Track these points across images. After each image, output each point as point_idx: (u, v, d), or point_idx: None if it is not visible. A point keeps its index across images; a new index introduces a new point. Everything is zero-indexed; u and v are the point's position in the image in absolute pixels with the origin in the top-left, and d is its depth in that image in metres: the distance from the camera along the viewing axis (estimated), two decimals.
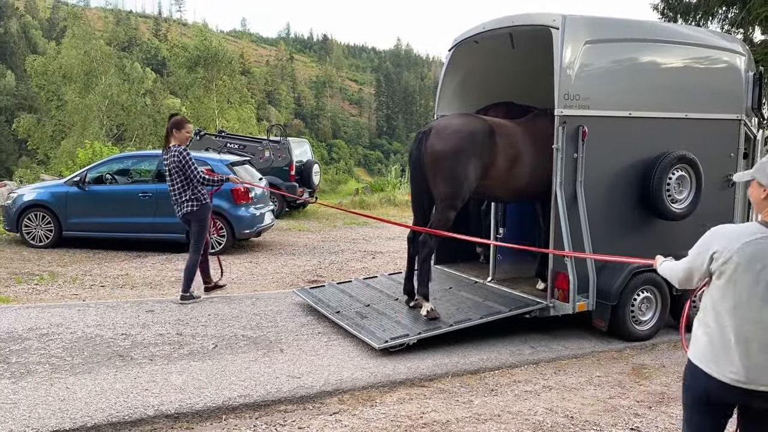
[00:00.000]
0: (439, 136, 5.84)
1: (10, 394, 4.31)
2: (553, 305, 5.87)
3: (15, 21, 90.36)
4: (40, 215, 10.18)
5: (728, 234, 2.55)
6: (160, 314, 6.38)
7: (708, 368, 2.55)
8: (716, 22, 17.25)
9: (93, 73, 31.95)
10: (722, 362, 2.51)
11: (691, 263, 2.67)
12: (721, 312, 2.54)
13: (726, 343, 2.51)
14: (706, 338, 2.58)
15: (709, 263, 2.57)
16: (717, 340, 2.54)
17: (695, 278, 2.67)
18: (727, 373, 2.49)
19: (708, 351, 2.56)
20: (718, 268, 2.53)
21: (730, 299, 2.51)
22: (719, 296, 2.55)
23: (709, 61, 6.59)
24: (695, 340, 2.65)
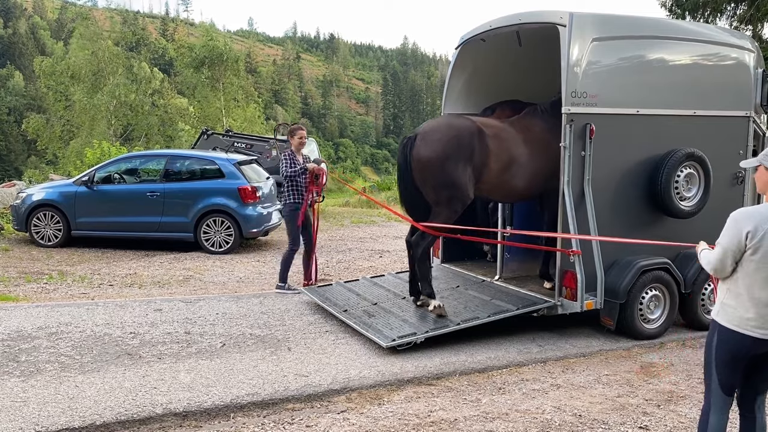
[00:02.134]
0: (424, 142, 5.77)
1: (19, 393, 4.34)
2: (561, 304, 5.85)
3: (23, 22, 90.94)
4: (49, 215, 10.24)
5: (755, 214, 2.96)
6: (169, 313, 6.40)
7: (745, 330, 3.00)
8: (725, 19, 17.16)
9: (101, 73, 32.07)
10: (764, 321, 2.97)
11: (725, 246, 3.01)
12: (755, 282, 2.97)
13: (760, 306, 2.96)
14: (746, 305, 3.00)
15: (745, 241, 2.94)
16: (760, 305, 2.97)
17: (730, 260, 3.02)
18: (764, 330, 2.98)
19: (742, 315, 3.01)
20: (754, 245, 2.93)
21: (765, 270, 2.95)
22: (753, 269, 2.97)
23: (718, 58, 6.55)
24: (726, 309, 3.08)
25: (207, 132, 16.55)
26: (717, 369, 3.13)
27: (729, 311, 3.08)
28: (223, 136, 16.58)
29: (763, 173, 3.06)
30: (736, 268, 3.03)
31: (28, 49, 79.14)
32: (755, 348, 3.03)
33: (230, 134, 16.96)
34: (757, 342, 3.01)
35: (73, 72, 31.84)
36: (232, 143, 15.81)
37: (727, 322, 3.07)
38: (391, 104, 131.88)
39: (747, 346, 3.03)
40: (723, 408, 3.15)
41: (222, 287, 8.01)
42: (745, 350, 3.05)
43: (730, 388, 3.14)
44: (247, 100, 37.93)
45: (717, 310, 3.15)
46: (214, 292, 7.65)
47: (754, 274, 2.97)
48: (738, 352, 3.07)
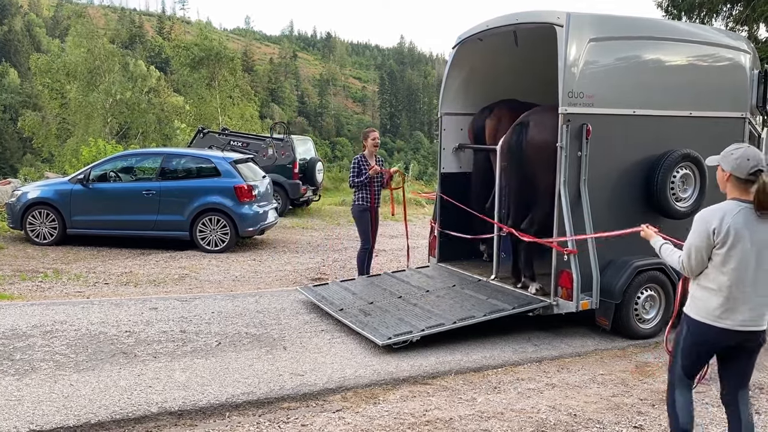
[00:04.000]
0: (541, 126, 6.01)
1: (14, 391, 4.33)
2: (557, 303, 5.87)
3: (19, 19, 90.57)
4: (45, 213, 10.20)
5: (718, 212, 3.18)
6: (164, 312, 6.39)
7: (716, 322, 3.19)
8: (720, 20, 17.19)
9: (96, 71, 31.96)
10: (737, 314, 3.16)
11: (697, 245, 3.20)
12: (724, 274, 3.16)
13: (736, 297, 3.15)
14: (713, 298, 3.20)
15: (713, 237, 3.14)
16: (730, 298, 3.16)
17: (704, 255, 3.20)
18: (737, 321, 3.17)
19: (722, 307, 3.18)
20: (721, 239, 3.13)
21: (732, 262, 3.13)
22: (720, 262, 3.16)
23: (714, 58, 6.56)
24: (697, 302, 3.28)
25: (203, 130, 16.52)
26: (682, 356, 3.38)
27: (698, 304, 3.28)
28: (219, 134, 16.55)
29: (721, 173, 3.31)
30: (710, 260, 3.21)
31: (24, 47, 78.84)
32: (723, 339, 3.22)
33: (226, 133, 16.93)
34: (724, 332, 3.19)
35: (69, 70, 31.73)
36: (228, 142, 15.78)
37: (696, 314, 3.29)
38: (388, 103, 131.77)
39: (714, 337, 3.24)
40: (686, 387, 3.42)
41: (218, 286, 8.00)
42: (711, 340, 3.26)
43: (691, 373, 3.41)
44: (243, 98, 37.84)
45: (687, 304, 3.37)
46: (210, 291, 7.64)
47: (721, 267, 3.17)
48: (704, 343, 3.29)
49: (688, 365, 3.38)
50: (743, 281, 3.14)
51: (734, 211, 3.15)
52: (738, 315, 3.17)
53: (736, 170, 3.20)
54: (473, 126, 7.40)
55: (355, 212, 7.61)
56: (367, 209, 7.50)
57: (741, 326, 3.17)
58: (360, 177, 7.39)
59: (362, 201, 7.50)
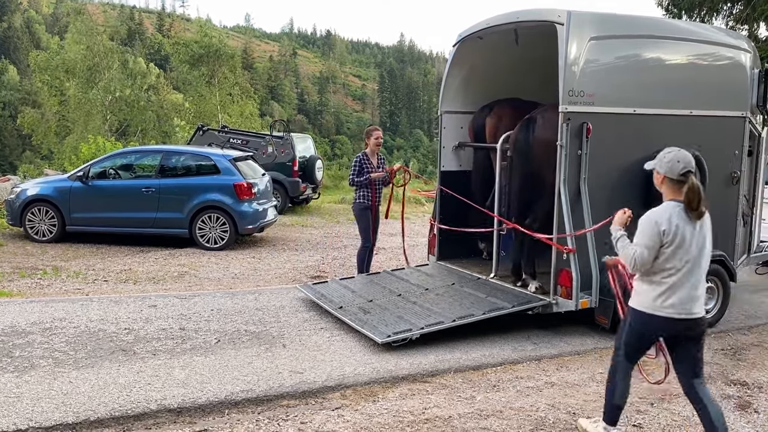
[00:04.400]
0: (549, 123, 5.96)
1: (13, 388, 4.33)
2: (556, 302, 5.86)
3: (18, 16, 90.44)
4: (44, 210, 10.20)
5: (665, 214, 3.48)
6: (163, 309, 6.39)
7: (658, 311, 3.51)
8: (721, 19, 17.18)
9: (96, 68, 31.92)
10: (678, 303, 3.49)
11: (649, 245, 3.48)
12: (666, 269, 3.49)
13: (677, 289, 3.48)
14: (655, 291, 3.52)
15: (663, 238, 3.44)
16: (671, 289, 3.48)
17: (653, 255, 3.49)
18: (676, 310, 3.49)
19: (664, 298, 3.50)
20: (669, 239, 3.45)
21: (675, 258, 3.47)
22: (664, 259, 3.48)
23: (714, 57, 6.56)
24: (641, 295, 3.59)
25: (203, 128, 16.50)
26: (626, 345, 3.70)
27: (641, 296, 3.60)
28: (219, 132, 16.53)
29: (656, 176, 3.60)
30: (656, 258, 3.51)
31: (23, 44, 78.77)
32: (665, 327, 3.54)
33: (226, 130, 16.92)
34: (666, 321, 3.51)
35: (68, 67, 31.70)
36: (227, 139, 15.77)
37: (640, 306, 3.60)
38: (388, 101, 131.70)
39: (656, 325, 3.55)
40: (628, 371, 3.75)
41: (217, 283, 8.00)
42: (654, 329, 3.58)
43: (634, 360, 3.76)
44: (243, 95, 37.82)
45: (632, 297, 3.68)
46: (209, 289, 7.64)
47: (665, 263, 3.49)
48: (648, 331, 3.61)
49: (632, 353, 3.71)
50: (682, 274, 3.48)
51: (676, 212, 3.47)
52: (677, 304, 3.48)
53: (668, 172, 3.51)
54: (473, 124, 7.39)
55: (356, 210, 7.61)
56: (368, 207, 7.50)
57: (679, 314, 3.49)
58: (361, 176, 7.38)
59: (363, 199, 7.50)
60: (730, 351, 5.92)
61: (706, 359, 5.58)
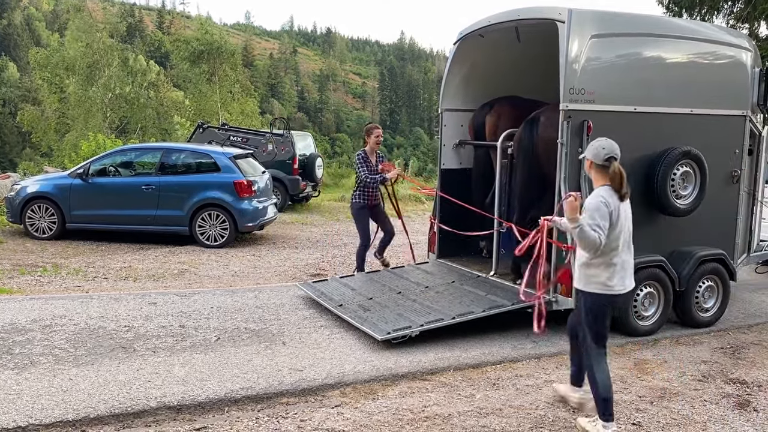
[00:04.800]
0: (549, 124, 5.97)
1: (13, 385, 4.33)
2: (556, 300, 5.86)
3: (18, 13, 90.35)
4: (44, 207, 10.19)
5: (608, 198, 3.79)
6: (163, 306, 6.39)
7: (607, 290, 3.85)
8: (722, 17, 17.17)
9: (96, 65, 31.87)
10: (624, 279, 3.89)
11: (605, 225, 3.75)
12: (614, 249, 3.84)
13: (623, 267, 3.88)
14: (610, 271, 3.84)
15: (612, 219, 3.76)
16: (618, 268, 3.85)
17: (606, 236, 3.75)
18: (627, 285, 3.92)
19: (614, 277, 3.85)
20: (614, 220, 3.78)
21: (616, 238, 3.83)
22: (612, 239, 3.81)
23: (715, 56, 6.55)
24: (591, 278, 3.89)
25: (203, 125, 16.49)
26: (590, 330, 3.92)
27: (592, 279, 3.89)
28: (219, 129, 16.52)
29: (586, 161, 3.96)
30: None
31: (23, 41, 78.69)
32: (615, 302, 3.92)
33: (226, 128, 16.91)
34: (615, 297, 3.88)
35: (68, 64, 31.65)
36: (227, 137, 15.76)
37: (593, 289, 3.89)
38: (388, 99, 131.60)
39: (609, 303, 3.88)
40: (603, 356, 3.94)
41: (217, 281, 8.00)
42: (606, 306, 3.90)
43: (602, 341, 3.94)
44: (243, 93, 37.78)
45: (582, 282, 3.95)
46: (209, 286, 7.64)
47: (611, 244, 3.81)
48: (604, 310, 3.91)
49: (596, 334, 3.93)
50: (622, 252, 3.86)
51: (608, 194, 3.81)
52: (622, 281, 3.87)
53: (594, 158, 3.87)
54: (474, 122, 7.38)
55: (354, 210, 7.60)
56: (365, 207, 7.49)
57: (624, 290, 3.89)
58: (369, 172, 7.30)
59: (359, 199, 7.48)
60: (730, 350, 5.92)
61: (705, 358, 5.61)
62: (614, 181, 3.82)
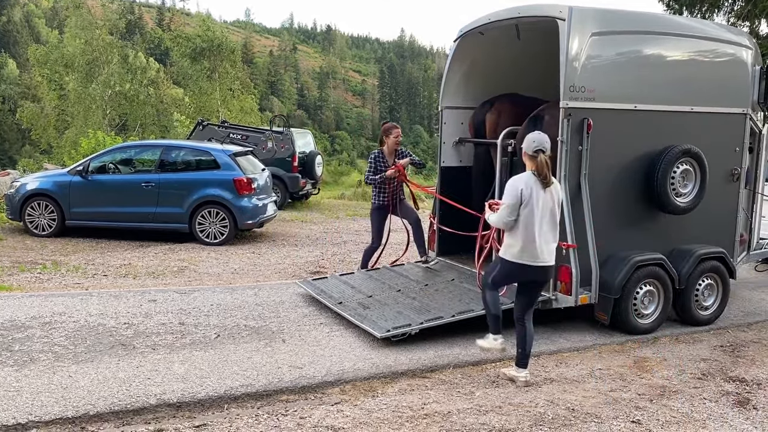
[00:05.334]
0: (553, 122, 5.92)
1: (13, 382, 4.33)
2: (556, 298, 5.86)
3: (18, 10, 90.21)
4: (43, 204, 10.19)
5: (523, 180, 4.48)
6: (163, 304, 6.39)
7: (527, 261, 4.50)
8: (722, 15, 17.15)
9: (95, 62, 31.80)
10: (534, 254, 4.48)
11: (510, 204, 4.47)
12: (527, 225, 4.44)
13: (533, 242, 4.46)
14: (521, 244, 4.49)
15: (520, 197, 4.42)
16: (529, 243, 4.46)
17: (516, 212, 4.45)
18: (539, 260, 4.51)
19: (524, 251, 4.48)
20: (525, 201, 4.42)
21: (532, 215, 4.42)
22: (525, 216, 4.44)
23: (715, 54, 6.54)
24: (507, 248, 4.59)
25: (202, 123, 16.48)
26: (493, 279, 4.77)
27: (508, 249, 4.58)
28: (219, 127, 16.51)
29: (524, 155, 4.54)
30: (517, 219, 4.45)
31: (23, 37, 78.53)
32: (524, 273, 4.55)
33: (226, 125, 16.90)
34: (525, 267, 4.51)
35: (67, 61, 31.58)
36: (227, 134, 15.74)
37: (508, 257, 4.59)
38: (388, 97, 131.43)
39: (517, 271, 4.57)
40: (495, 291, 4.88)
41: (217, 278, 8.00)
42: (515, 273, 4.61)
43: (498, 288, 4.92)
44: (243, 90, 37.74)
45: (502, 250, 4.66)
46: (209, 284, 7.64)
47: (524, 221, 4.44)
48: (512, 274, 4.67)
49: (497, 282, 4.83)
50: (534, 231, 4.42)
51: (531, 179, 4.45)
52: (531, 255, 4.46)
53: (527, 149, 4.50)
54: (474, 120, 7.37)
55: (371, 209, 7.55)
56: (382, 207, 7.40)
57: (534, 262, 4.48)
58: (375, 175, 7.24)
59: (375, 199, 7.41)
60: (729, 348, 5.92)
61: (705, 356, 5.62)
62: (539, 169, 4.44)
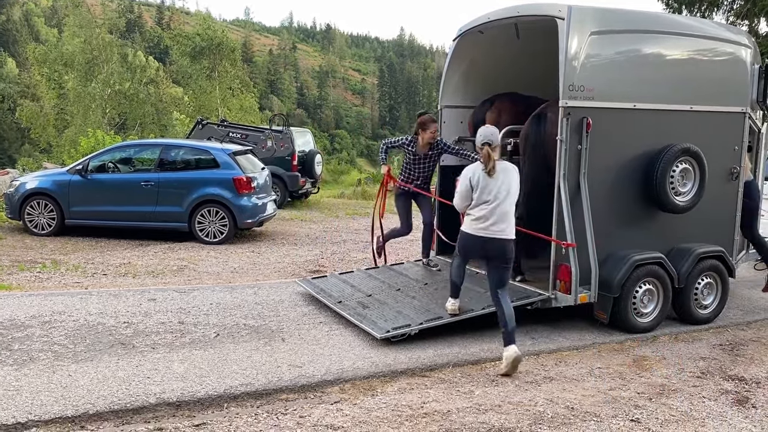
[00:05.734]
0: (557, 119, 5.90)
1: (12, 381, 4.33)
2: (555, 297, 5.87)
3: (18, 9, 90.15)
4: (43, 203, 10.19)
5: (470, 170, 5.20)
6: (162, 303, 6.39)
7: (479, 232, 5.12)
8: (721, 13, 17.16)
9: (95, 61, 31.78)
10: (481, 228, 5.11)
11: (462, 192, 5.23)
12: (479, 205, 5.11)
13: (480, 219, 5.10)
14: (470, 219, 5.18)
15: (470, 185, 5.14)
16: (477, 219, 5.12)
17: (468, 197, 5.19)
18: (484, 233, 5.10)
19: (473, 224, 5.16)
20: (476, 184, 5.11)
21: (481, 199, 5.09)
22: (476, 199, 5.13)
23: (715, 53, 6.54)
24: (465, 223, 5.26)
25: (202, 122, 16.48)
26: (458, 250, 5.49)
27: (467, 223, 5.24)
28: (218, 126, 16.51)
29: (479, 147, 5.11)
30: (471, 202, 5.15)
31: (22, 36, 78.44)
32: (473, 243, 5.18)
33: (225, 124, 16.89)
34: (472, 237, 5.16)
35: (67, 60, 31.56)
36: (227, 133, 15.75)
37: (464, 228, 5.27)
38: (387, 96, 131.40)
39: (470, 239, 5.19)
40: (459, 263, 5.67)
41: (216, 277, 8.00)
42: (471, 243, 5.21)
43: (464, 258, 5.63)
44: (242, 89, 37.74)
45: (463, 224, 5.31)
46: (209, 283, 7.64)
47: (475, 203, 5.14)
48: (464, 243, 5.31)
49: (461, 255, 5.55)
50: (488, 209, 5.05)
51: (479, 169, 5.11)
52: (486, 227, 5.07)
53: (477, 142, 5.13)
54: (473, 119, 7.37)
55: (395, 195, 7.38)
56: (403, 192, 7.30)
57: (486, 234, 5.07)
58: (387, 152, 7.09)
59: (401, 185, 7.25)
60: (728, 346, 5.93)
61: (704, 354, 5.62)
62: (484, 161, 5.07)
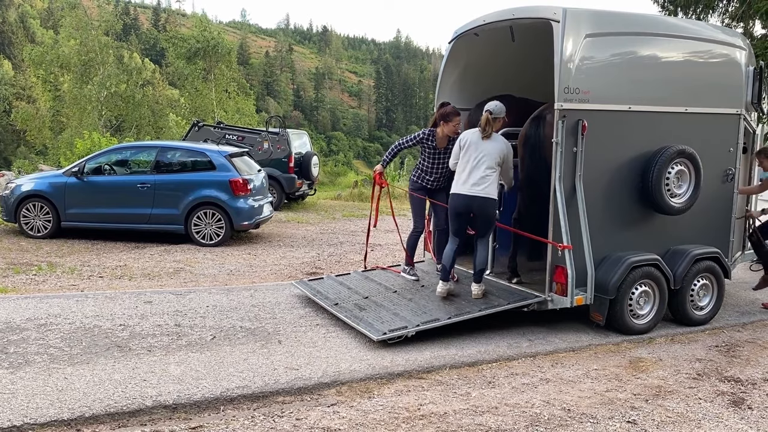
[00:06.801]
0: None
1: (8, 384, 4.32)
2: (551, 299, 5.88)
3: (13, 11, 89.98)
4: (39, 206, 10.17)
5: (467, 133, 5.97)
6: (159, 305, 6.38)
7: (462, 191, 5.81)
8: (716, 16, 17.19)
9: (90, 63, 31.73)
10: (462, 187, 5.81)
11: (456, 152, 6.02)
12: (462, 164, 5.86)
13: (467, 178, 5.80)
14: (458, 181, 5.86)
15: (460, 146, 5.93)
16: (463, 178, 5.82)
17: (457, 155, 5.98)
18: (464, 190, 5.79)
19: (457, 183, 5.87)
20: (464, 145, 5.89)
21: (466, 158, 5.84)
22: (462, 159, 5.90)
23: (710, 55, 6.57)
24: (455, 184, 5.91)
25: (198, 124, 16.46)
26: (450, 222, 6.05)
27: (455, 185, 5.86)
28: (215, 128, 16.50)
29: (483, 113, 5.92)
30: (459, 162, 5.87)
31: (18, 38, 78.23)
32: (462, 200, 5.81)
33: (221, 126, 16.88)
34: (459, 196, 5.80)
35: (63, 62, 31.51)
36: (223, 135, 15.74)
37: (454, 189, 5.87)
38: (384, 98, 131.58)
39: (457, 199, 5.84)
40: (454, 242, 6.10)
41: (212, 280, 7.99)
42: (458, 203, 5.84)
43: (457, 233, 6.07)
44: (239, 91, 37.74)
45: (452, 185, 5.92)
46: (205, 285, 7.63)
47: (463, 158, 5.86)
48: (456, 203, 5.89)
49: (455, 228, 6.03)
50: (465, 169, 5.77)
51: (476, 132, 5.86)
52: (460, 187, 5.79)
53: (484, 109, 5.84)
54: (470, 121, 7.39)
55: (408, 191, 6.94)
56: (421, 188, 6.81)
57: (470, 192, 5.73)
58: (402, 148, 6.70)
59: (415, 178, 6.83)
60: (724, 348, 5.95)
61: (700, 356, 5.64)
62: (482, 124, 5.79)
